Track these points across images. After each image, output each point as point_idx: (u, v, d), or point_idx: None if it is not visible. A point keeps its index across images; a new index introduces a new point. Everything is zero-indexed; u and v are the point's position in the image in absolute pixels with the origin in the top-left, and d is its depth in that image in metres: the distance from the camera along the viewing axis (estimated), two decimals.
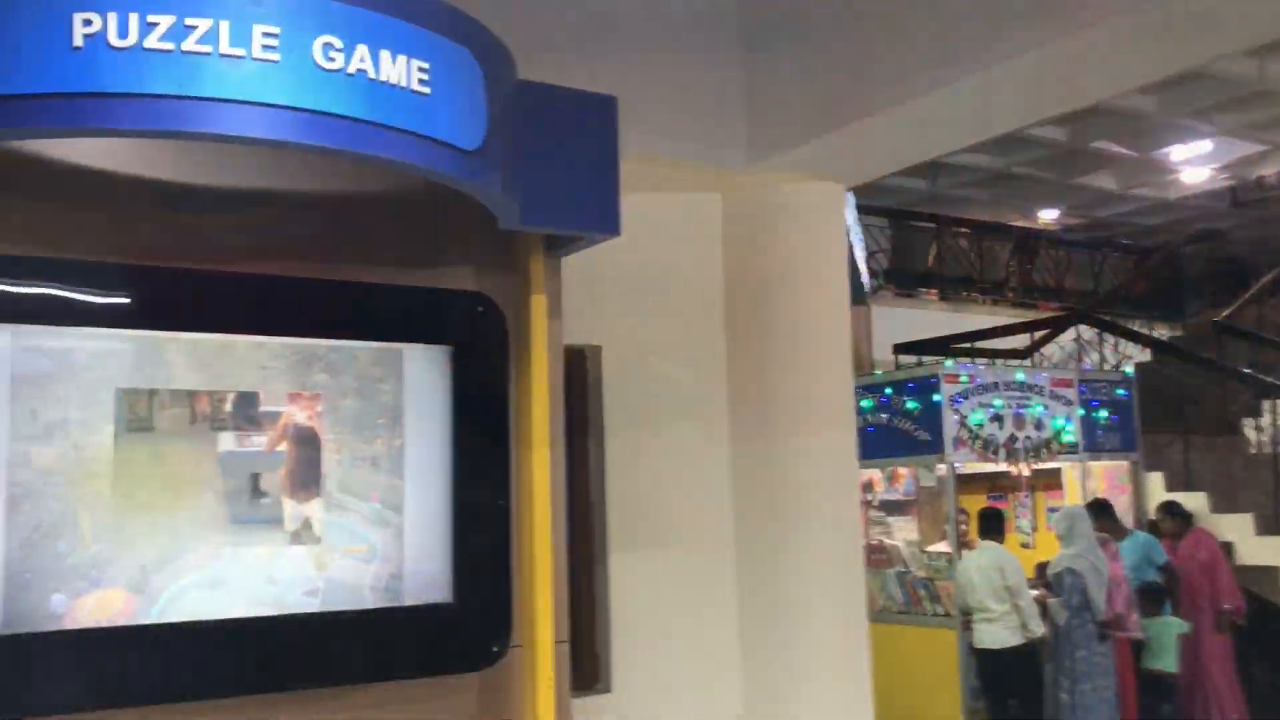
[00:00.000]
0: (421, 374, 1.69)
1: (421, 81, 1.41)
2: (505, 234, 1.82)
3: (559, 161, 1.74)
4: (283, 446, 1.58)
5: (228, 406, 1.55)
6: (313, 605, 1.57)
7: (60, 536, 1.43)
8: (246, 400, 1.55)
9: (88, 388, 1.46)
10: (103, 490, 1.46)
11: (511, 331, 1.81)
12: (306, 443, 1.59)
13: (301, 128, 1.32)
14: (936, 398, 4.58)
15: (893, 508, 5.10)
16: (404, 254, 1.73)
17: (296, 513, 1.59)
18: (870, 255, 7.07)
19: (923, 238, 7.82)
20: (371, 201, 1.71)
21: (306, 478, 1.59)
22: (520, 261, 1.85)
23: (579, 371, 2.68)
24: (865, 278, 6.32)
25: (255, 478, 1.55)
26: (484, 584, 1.70)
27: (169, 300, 1.52)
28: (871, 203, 6.78)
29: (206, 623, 1.49)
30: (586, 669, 2.70)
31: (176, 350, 1.52)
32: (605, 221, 1.80)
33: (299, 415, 1.59)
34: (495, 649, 1.70)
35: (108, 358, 1.48)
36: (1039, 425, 4.78)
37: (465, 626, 1.68)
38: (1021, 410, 4.75)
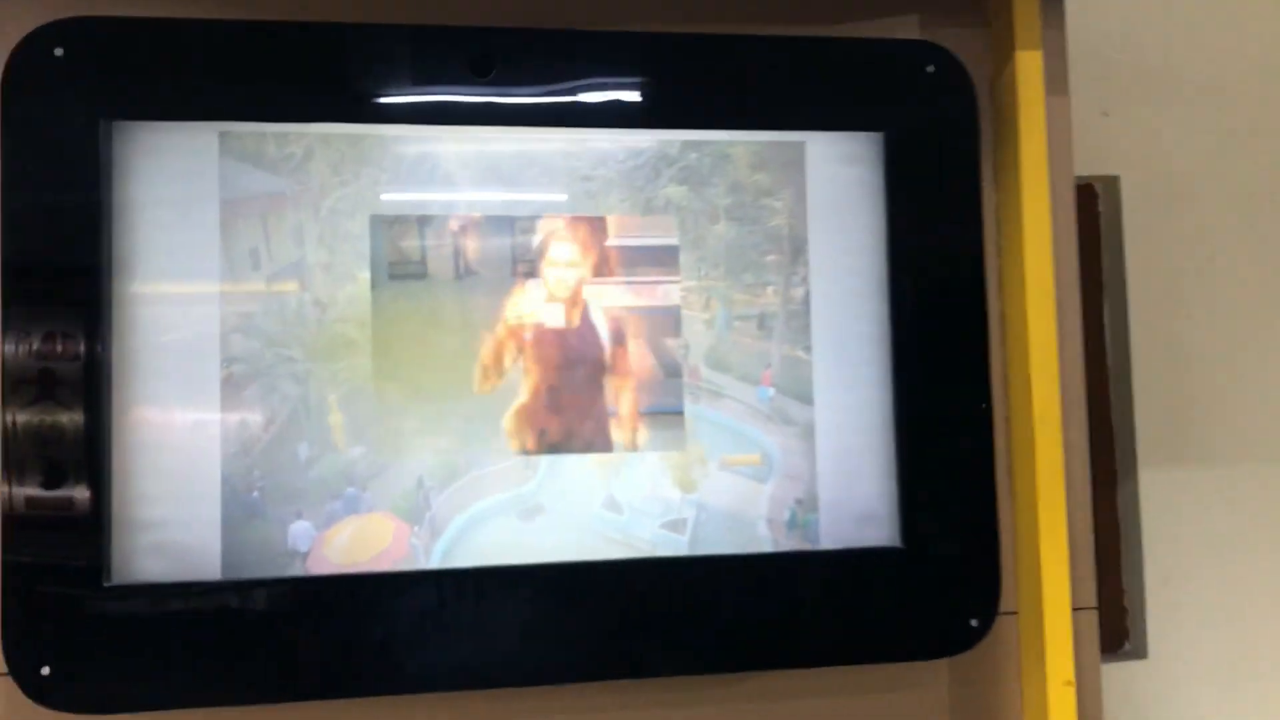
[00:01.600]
0: (835, 180, 1.05)
1: None
2: None
3: None
4: (625, 299, 1.02)
5: (537, 238, 1.01)
6: (678, 545, 1.02)
7: (301, 436, 0.96)
8: (568, 228, 1.01)
9: (332, 215, 0.98)
10: (359, 367, 0.97)
11: (985, 115, 1.13)
12: (656, 292, 1.02)
13: None
14: None
15: None
16: None
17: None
18: None
19: None
20: None
21: (658, 347, 1.02)
22: (995, 4, 1.16)
23: (1087, 212, 1.92)
24: None
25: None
26: (954, 522, 1.03)
27: (444, 79, 1.00)
28: None
29: (516, 569, 0.98)
30: (1108, 626, 1.97)
31: (456, 156, 1.00)
32: None
33: (643, 249, 1.02)
34: (976, 622, 1.06)
35: (359, 170, 0.98)
36: None
37: (925, 587, 1.04)
38: None
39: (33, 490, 0.91)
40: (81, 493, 0.91)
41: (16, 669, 0.90)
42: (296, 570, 0.94)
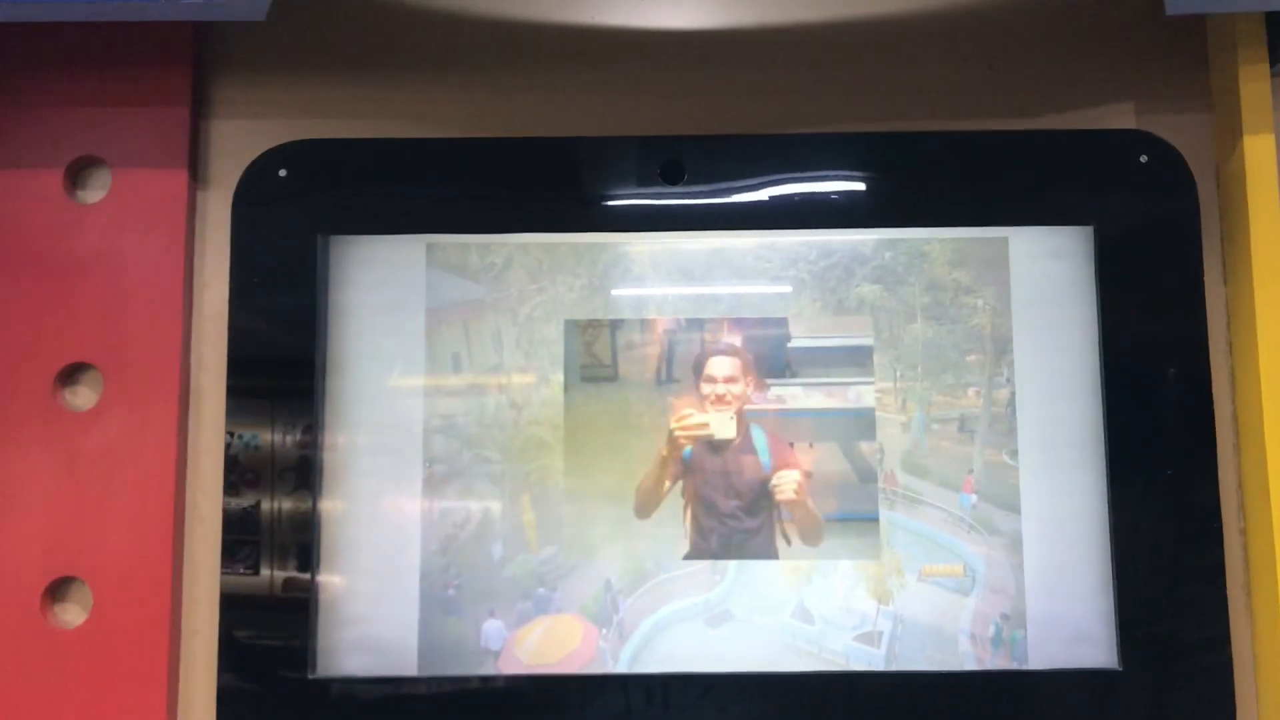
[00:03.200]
0: (1041, 276, 0.99)
1: None
2: (1186, 44, 1.08)
3: None
4: (816, 400, 1.00)
5: (726, 339, 1.01)
6: (873, 659, 0.97)
7: (496, 535, 0.98)
8: (760, 329, 1.00)
9: (529, 320, 1.00)
10: (552, 468, 0.99)
11: (1206, 203, 1.05)
12: (849, 394, 0.99)
13: None
14: None
15: None
16: (1007, 87, 1.07)
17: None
18: None
19: None
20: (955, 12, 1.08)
21: (851, 451, 0.99)
22: (1220, 87, 1.09)
23: None
24: None
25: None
26: (1178, 643, 0.94)
27: (636, 187, 1.01)
28: None
29: (705, 677, 0.96)
30: None
31: (648, 260, 1.01)
32: None
33: (835, 350, 1.00)
34: None
35: (555, 276, 1.01)
36: None
37: (1145, 714, 0.96)
38: None
39: (250, 579, 0.96)
40: (293, 586, 0.96)
41: None
42: (489, 669, 0.96)
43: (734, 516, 0.97)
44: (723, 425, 0.98)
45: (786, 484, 0.97)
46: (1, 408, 0.99)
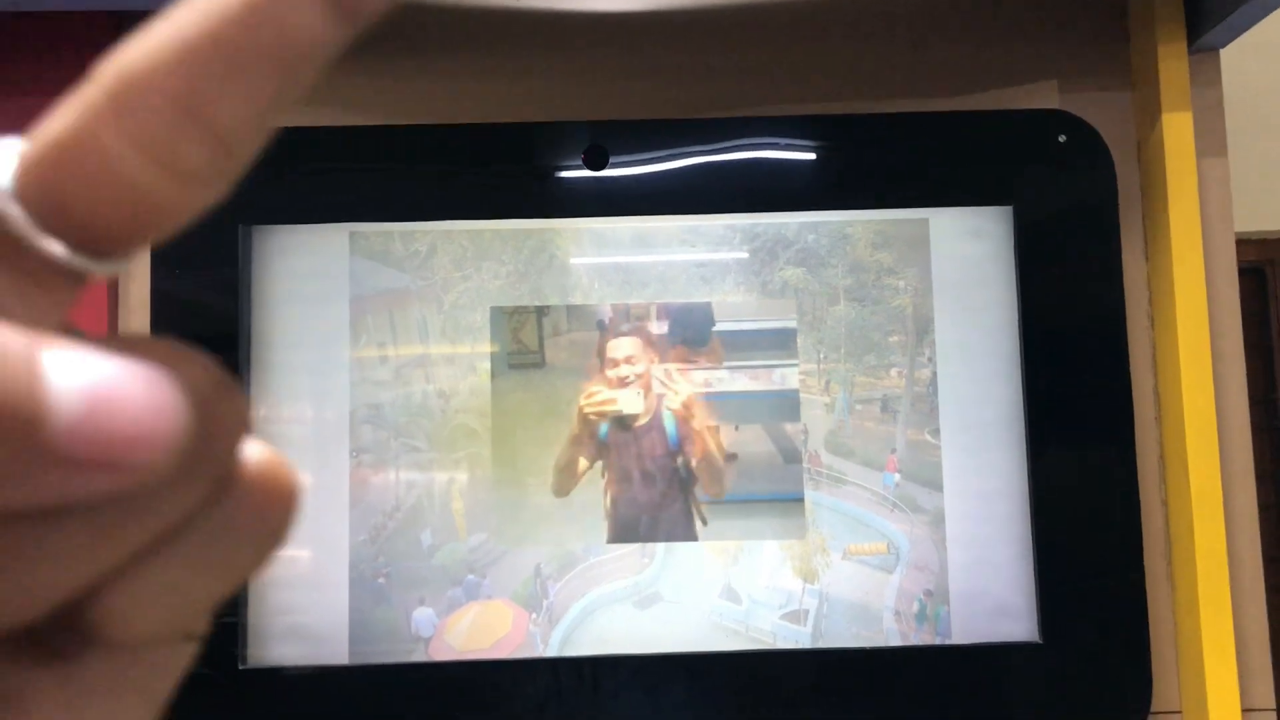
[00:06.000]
0: (962, 257, 1.01)
1: None
2: (1107, 24, 1.09)
3: None
4: (740, 383, 1.00)
5: (653, 326, 1.01)
6: (799, 637, 0.99)
7: (425, 523, 0.98)
8: (685, 315, 1.00)
9: (454, 307, 1.00)
10: (480, 456, 0.99)
11: (1124, 182, 1.06)
12: (773, 377, 1.00)
13: None
14: None
15: None
16: (930, 67, 1.07)
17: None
18: None
19: None
20: None
21: (776, 432, 1.00)
22: (1140, 66, 1.10)
23: (1257, 281, 1.78)
24: None
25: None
26: (1098, 615, 0.96)
27: (560, 173, 1.01)
28: None
29: (634, 658, 0.97)
30: None
31: (573, 246, 1.01)
32: None
33: (759, 333, 1.00)
34: None
35: (480, 264, 1.01)
36: None
37: (1066, 685, 0.98)
38: None
39: None
40: None
41: None
42: (420, 656, 0.96)
43: (649, 496, 0.98)
44: (630, 401, 0.98)
45: (674, 398, 0.98)
46: None
